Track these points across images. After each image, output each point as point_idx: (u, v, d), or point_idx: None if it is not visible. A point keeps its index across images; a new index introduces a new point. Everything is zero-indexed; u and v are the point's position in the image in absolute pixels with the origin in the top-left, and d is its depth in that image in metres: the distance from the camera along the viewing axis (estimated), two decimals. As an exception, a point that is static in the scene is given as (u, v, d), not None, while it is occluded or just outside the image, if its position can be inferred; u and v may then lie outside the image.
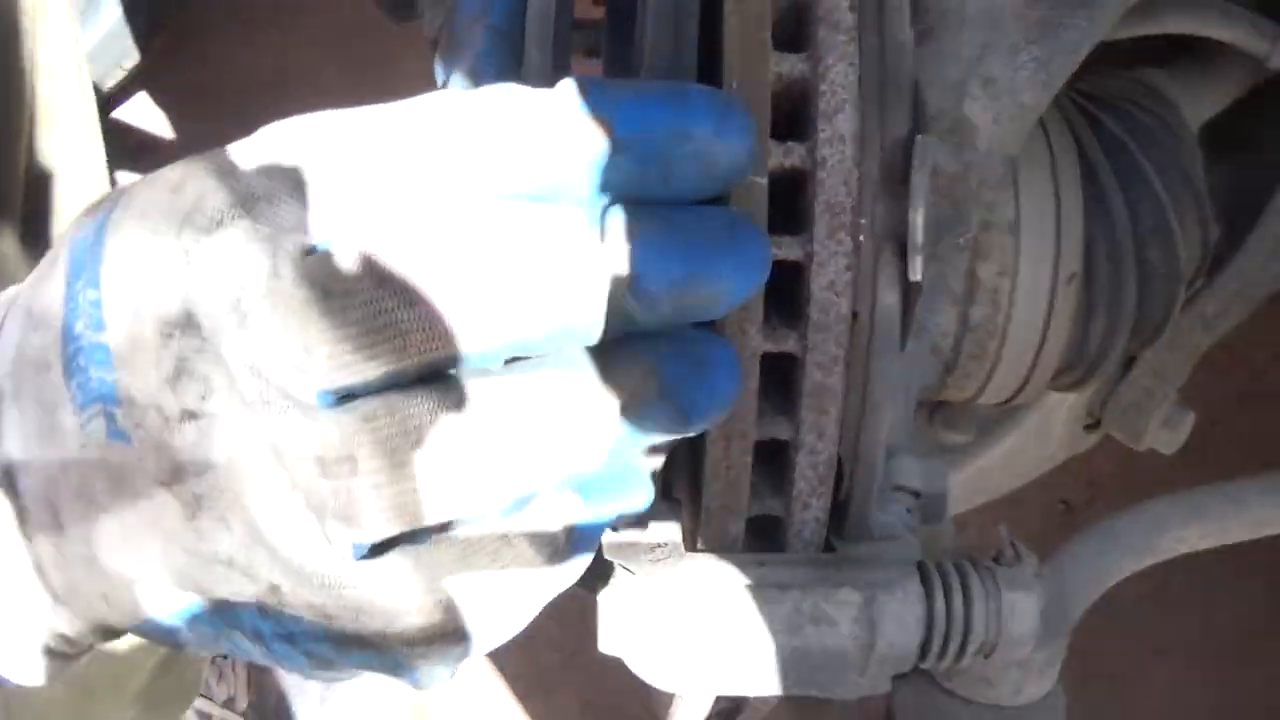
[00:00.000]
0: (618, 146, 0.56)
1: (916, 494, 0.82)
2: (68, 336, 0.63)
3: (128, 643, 0.71)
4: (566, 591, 0.67)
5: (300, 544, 0.60)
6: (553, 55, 0.76)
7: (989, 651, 0.75)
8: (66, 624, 0.67)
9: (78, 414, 0.63)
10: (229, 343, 0.59)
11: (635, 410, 0.58)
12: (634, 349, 0.58)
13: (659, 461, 0.64)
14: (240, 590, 0.63)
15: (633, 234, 0.56)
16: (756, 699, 0.82)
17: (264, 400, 0.59)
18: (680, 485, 0.77)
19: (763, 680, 0.73)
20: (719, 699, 0.80)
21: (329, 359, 0.57)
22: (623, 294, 0.56)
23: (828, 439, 0.71)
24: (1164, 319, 1.04)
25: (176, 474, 0.62)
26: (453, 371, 0.58)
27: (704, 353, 0.59)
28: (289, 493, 0.60)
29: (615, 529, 0.75)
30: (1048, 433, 1.27)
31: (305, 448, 0.59)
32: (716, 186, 0.58)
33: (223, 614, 0.64)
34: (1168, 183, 1.02)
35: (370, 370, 0.57)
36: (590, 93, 0.58)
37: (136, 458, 0.62)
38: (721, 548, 0.74)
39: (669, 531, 0.76)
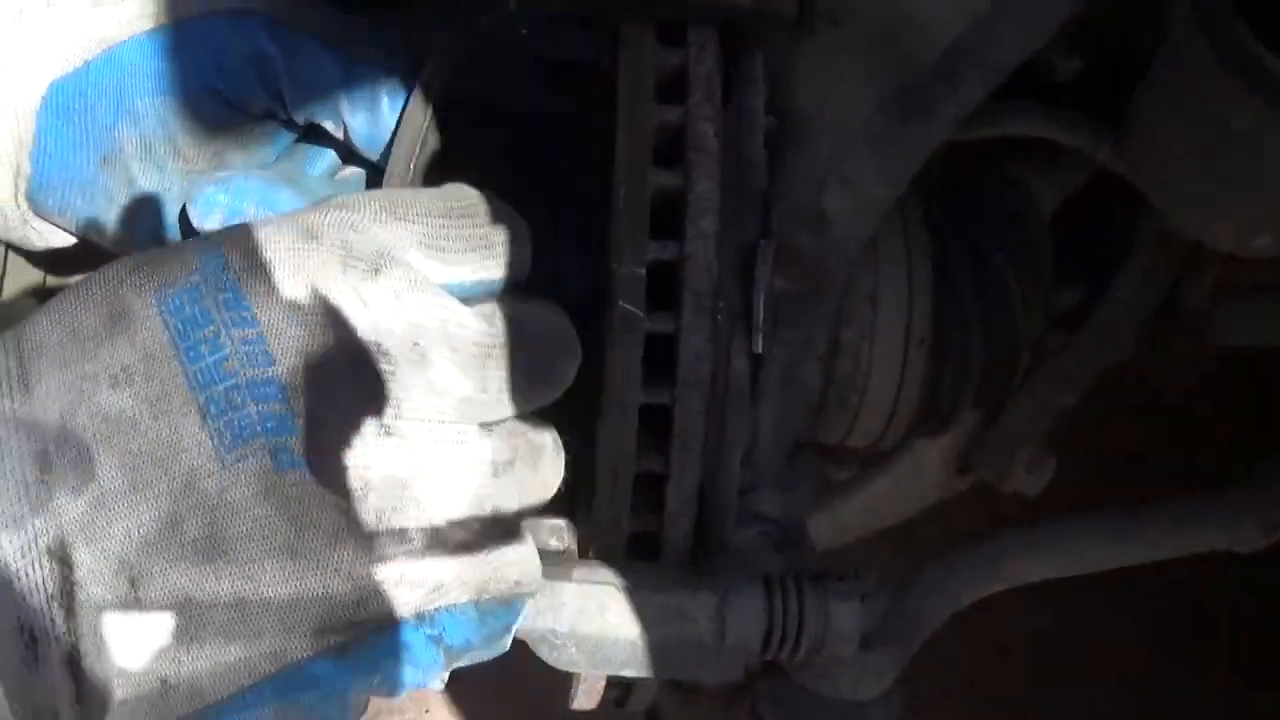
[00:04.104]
0: None
1: (776, 521, 1.08)
2: (199, 384, 0.71)
3: None
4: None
5: (469, 534, 0.78)
6: None
7: (819, 648, 1.01)
8: None
9: (220, 455, 0.71)
10: (414, 374, 0.73)
11: None
12: None
13: None
14: (408, 600, 0.77)
15: None
16: (639, 682, 1.07)
17: (444, 420, 0.74)
18: (578, 508, 1.04)
19: (639, 664, 0.99)
20: (610, 682, 1.05)
21: (497, 395, 0.78)
22: None
23: (691, 469, 0.97)
24: (1008, 377, 1.31)
25: (363, 490, 0.72)
26: None
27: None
28: (469, 496, 0.77)
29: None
30: (922, 473, 1.53)
31: (481, 455, 0.77)
32: None
33: (387, 640, 0.77)
34: (1010, 258, 1.28)
35: (523, 406, 0.80)
36: None
37: (314, 484, 0.71)
38: (608, 557, 1.00)
39: (569, 541, 1.02)
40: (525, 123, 1.03)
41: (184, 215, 1.02)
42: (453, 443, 0.76)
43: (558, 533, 1.02)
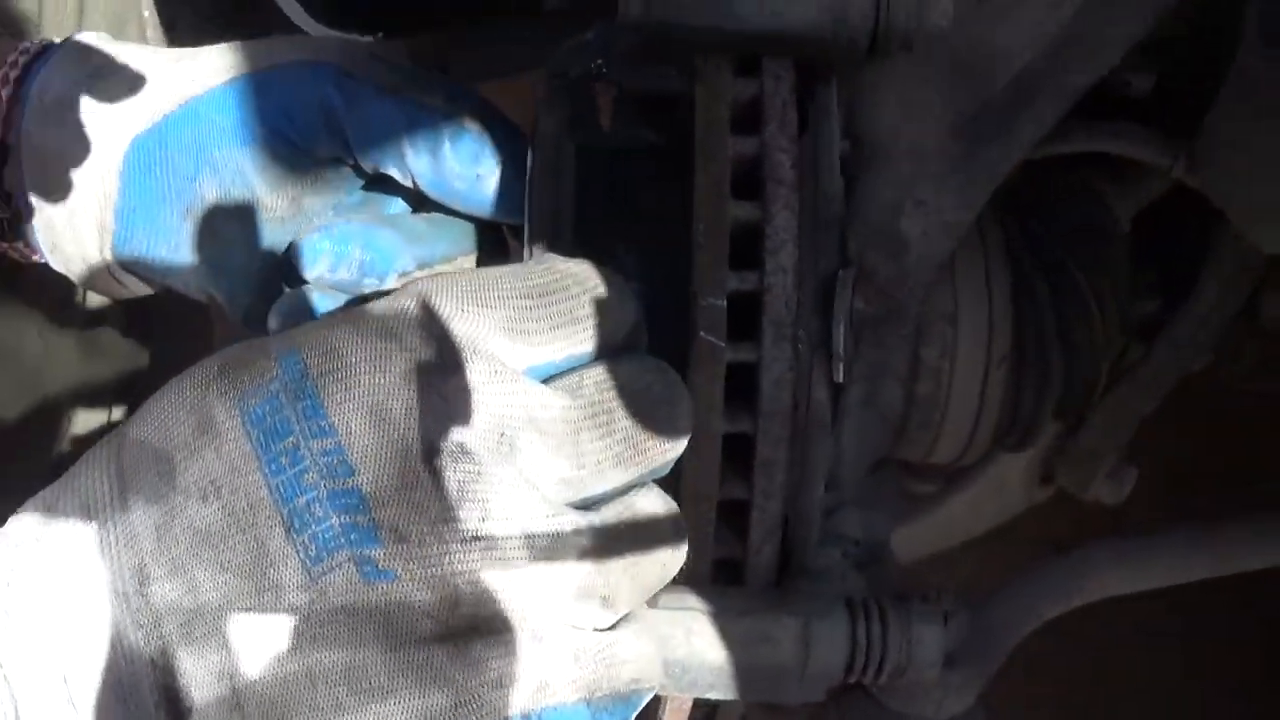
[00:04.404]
0: None
1: (857, 541, 1.10)
2: (281, 497, 0.70)
3: None
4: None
5: (573, 633, 0.75)
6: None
7: (902, 671, 1.03)
8: None
9: (307, 568, 0.71)
10: (501, 468, 0.72)
11: None
12: None
13: None
14: (511, 702, 0.74)
15: None
16: (724, 703, 1.09)
17: (538, 514, 0.73)
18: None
19: (724, 687, 1.01)
20: (697, 703, 1.07)
21: (596, 468, 0.76)
22: None
23: (774, 499, 0.99)
24: (1089, 391, 1.32)
25: (453, 600, 0.71)
26: None
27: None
28: (571, 591, 0.74)
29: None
30: (1005, 485, 1.54)
31: (581, 544, 0.74)
32: None
33: None
34: (1089, 273, 1.30)
35: (634, 472, 0.79)
36: None
37: (403, 594, 0.71)
38: (693, 582, 1.01)
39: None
40: (613, 157, 1.05)
41: (286, 264, 1.04)
42: (548, 536, 0.74)
43: None
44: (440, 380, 0.73)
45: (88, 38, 1.09)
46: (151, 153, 1.03)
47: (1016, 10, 1.13)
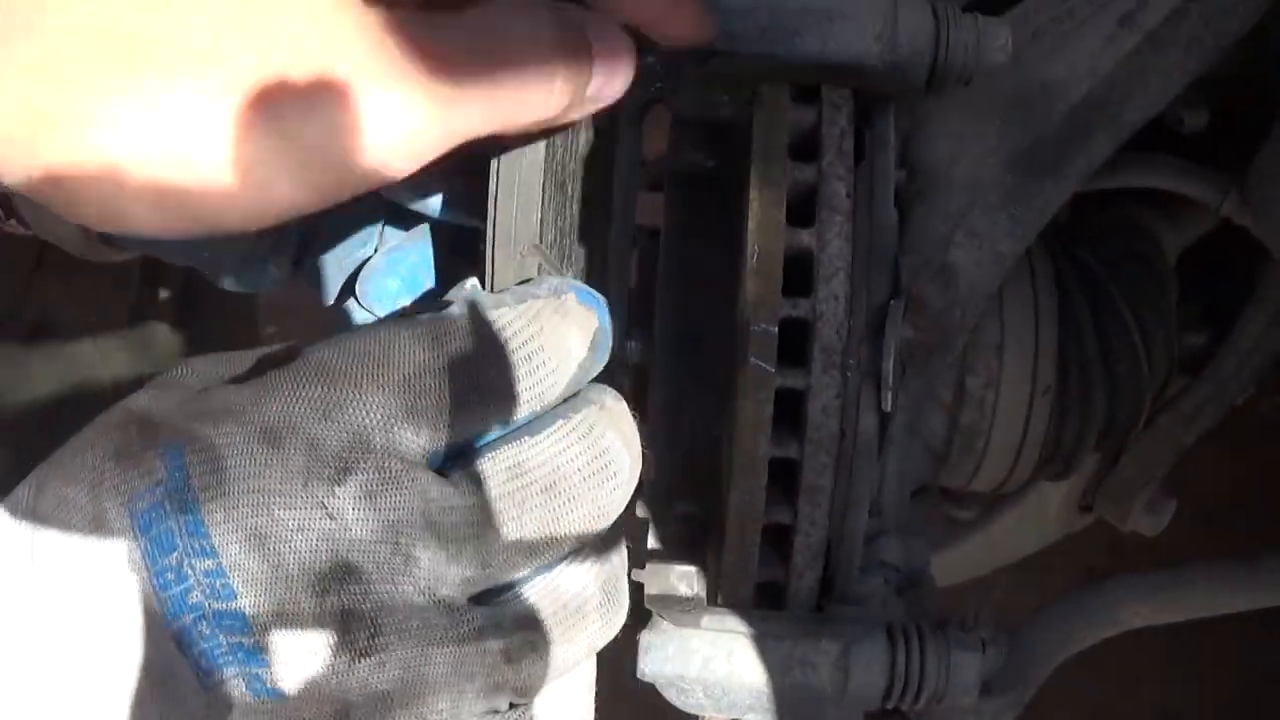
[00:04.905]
0: None
1: (898, 568, 1.11)
2: (170, 612, 0.68)
3: None
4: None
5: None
6: None
7: (940, 698, 1.04)
8: None
9: (203, 679, 0.68)
10: (394, 584, 0.69)
11: None
12: None
13: None
14: None
15: None
16: (762, 726, 1.11)
17: (437, 623, 0.70)
18: (707, 555, 1.07)
19: (763, 709, 1.02)
20: (735, 725, 1.09)
21: (505, 561, 0.73)
22: None
23: (819, 525, 1.00)
24: (1132, 422, 1.33)
25: (344, 712, 0.69)
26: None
27: None
28: (476, 690, 0.72)
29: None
30: (1044, 513, 1.56)
31: (488, 645, 0.72)
32: None
33: None
34: (1135, 306, 1.31)
35: (531, 567, 0.75)
36: None
37: (293, 711, 0.68)
38: (735, 605, 1.03)
39: (697, 588, 1.06)
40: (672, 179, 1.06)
41: (346, 286, 1.06)
42: (449, 642, 0.71)
43: (687, 579, 1.05)
44: (325, 491, 0.69)
45: None
46: None
47: (1072, 45, 1.15)
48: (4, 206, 1.12)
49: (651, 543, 1.11)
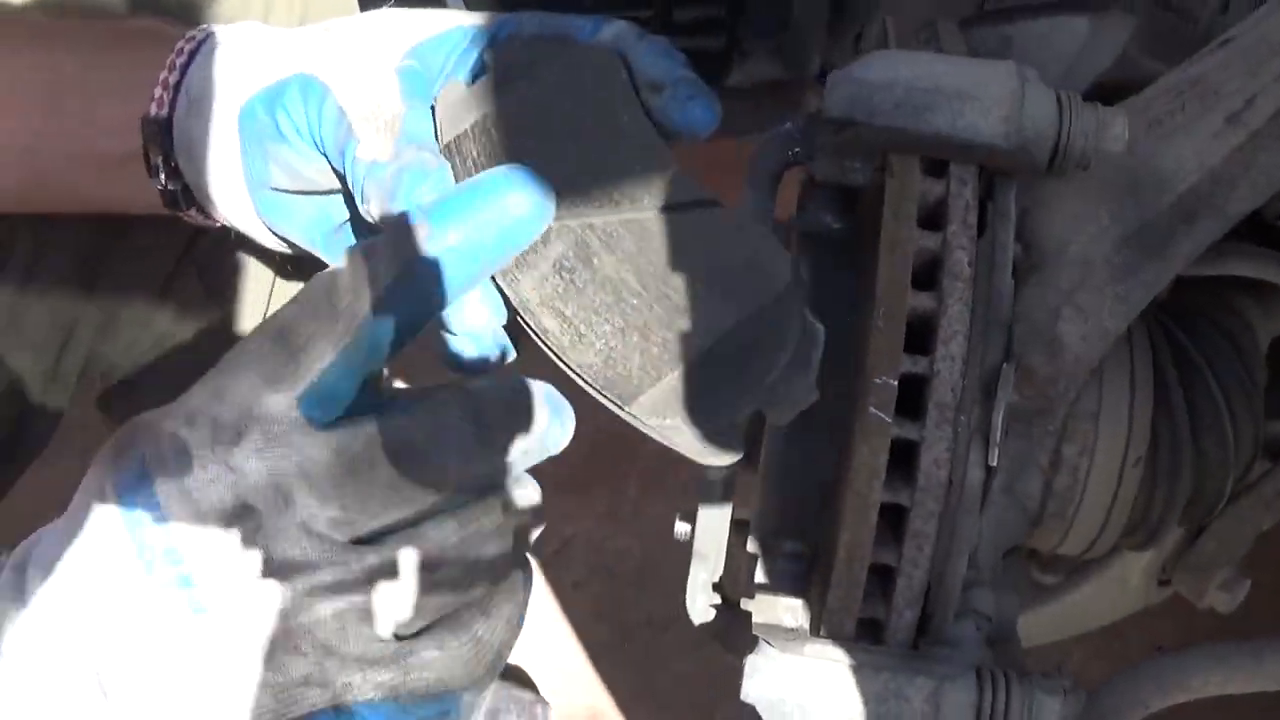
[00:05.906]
0: None
1: (989, 618, 1.18)
2: (138, 553, 0.81)
3: None
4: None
5: (365, 643, 0.83)
6: None
7: (1022, 737, 1.11)
8: None
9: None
10: (281, 517, 0.82)
11: None
12: None
13: None
14: (316, 700, 0.83)
15: None
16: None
17: (316, 551, 0.82)
18: (811, 590, 1.14)
19: (858, 737, 1.10)
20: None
21: (359, 512, 0.83)
22: None
23: (921, 569, 1.07)
24: (1216, 499, 1.40)
25: (254, 628, 0.82)
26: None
27: None
28: (349, 608, 0.83)
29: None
30: (1125, 583, 1.61)
31: (357, 573, 0.83)
32: None
33: None
34: (1225, 387, 1.38)
35: (389, 519, 0.84)
36: None
37: (214, 624, 0.81)
38: (837, 637, 1.10)
39: (801, 620, 1.13)
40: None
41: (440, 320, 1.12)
42: (325, 565, 0.83)
43: (792, 611, 1.13)
44: (226, 453, 0.82)
45: (231, 31, 1.18)
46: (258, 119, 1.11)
47: (1182, 138, 1.22)
48: (185, 197, 1.19)
49: (759, 577, 1.18)
